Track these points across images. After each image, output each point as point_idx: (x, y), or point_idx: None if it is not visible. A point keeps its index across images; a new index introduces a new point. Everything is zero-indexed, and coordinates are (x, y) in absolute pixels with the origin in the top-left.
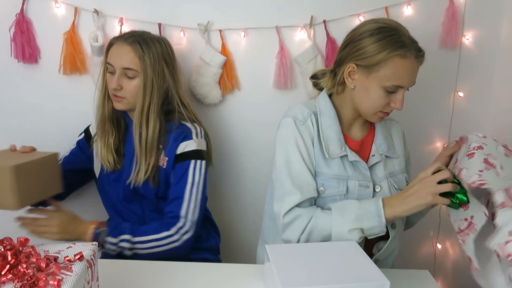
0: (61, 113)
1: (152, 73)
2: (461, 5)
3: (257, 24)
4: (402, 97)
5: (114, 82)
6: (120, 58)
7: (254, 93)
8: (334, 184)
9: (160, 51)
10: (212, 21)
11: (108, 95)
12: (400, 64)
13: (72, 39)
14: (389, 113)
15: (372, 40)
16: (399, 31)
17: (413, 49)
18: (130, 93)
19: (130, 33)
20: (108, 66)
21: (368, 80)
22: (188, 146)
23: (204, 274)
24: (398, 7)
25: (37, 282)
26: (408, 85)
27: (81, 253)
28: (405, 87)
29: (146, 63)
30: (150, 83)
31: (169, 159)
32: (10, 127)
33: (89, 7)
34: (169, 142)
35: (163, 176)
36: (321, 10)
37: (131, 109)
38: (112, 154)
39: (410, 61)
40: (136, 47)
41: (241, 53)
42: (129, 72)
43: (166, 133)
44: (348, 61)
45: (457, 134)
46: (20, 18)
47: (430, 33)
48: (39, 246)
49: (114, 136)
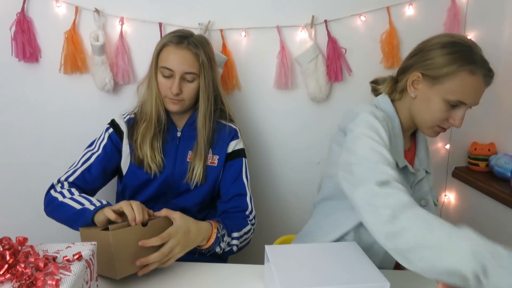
0: (62, 112)
1: (209, 74)
2: (463, 5)
3: (258, 24)
4: (463, 115)
5: (175, 87)
6: (181, 63)
7: (254, 93)
8: None
9: (209, 51)
10: (213, 20)
11: (159, 98)
12: (468, 80)
13: (73, 38)
14: (446, 130)
15: (444, 52)
16: (472, 48)
17: (484, 68)
18: (188, 95)
19: (180, 36)
20: (164, 71)
21: (431, 91)
22: (237, 144)
23: (211, 274)
24: (400, 7)
25: (35, 282)
26: (471, 104)
27: (80, 253)
28: (468, 104)
29: (204, 65)
30: (208, 85)
31: (220, 157)
32: (11, 126)
33: (90, 7)
34: (217, 141)
35: (213, 174)
36: (322, 10)
37: (184, 110)
38: (160, 156)
39: (478, 79)
40: (195, 50)
41: (242, 53)
42: (188, 76)
43: (215, 132)
44: (414, 69)
45: (458, 135)
46: (21, 17)
47: (432, 34)
48: (38, 246)
49: (160, 139)
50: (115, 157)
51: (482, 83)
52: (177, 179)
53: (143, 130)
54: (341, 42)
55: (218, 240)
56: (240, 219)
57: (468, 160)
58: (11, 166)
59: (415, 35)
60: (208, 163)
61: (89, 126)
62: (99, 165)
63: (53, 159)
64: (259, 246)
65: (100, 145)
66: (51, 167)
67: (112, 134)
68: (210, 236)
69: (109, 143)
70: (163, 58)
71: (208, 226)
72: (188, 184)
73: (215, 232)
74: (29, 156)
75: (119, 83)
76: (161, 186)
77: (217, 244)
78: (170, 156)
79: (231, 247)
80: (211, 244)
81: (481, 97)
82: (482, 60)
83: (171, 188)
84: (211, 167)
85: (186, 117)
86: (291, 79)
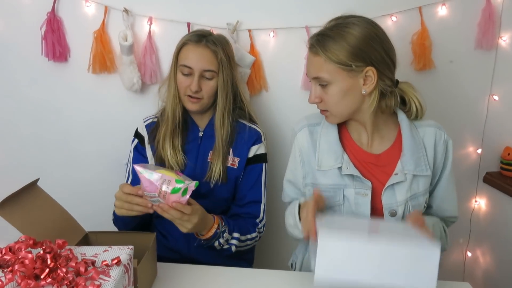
0: (90, 111)
1: (227, 72)
2: (498, 5)
3: (286, 24)
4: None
5: (194, 84)
6: (200, 60)
7: (282, 94)
8: (330, 194)
9: (227, 49)
10: (241, 20)
11: (178, 96)
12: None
13: (102, 38)
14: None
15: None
16: None
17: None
18: (207, 93)
19: (199, 34)
20: (184, 68)
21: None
22: (259, 149)
23: (241, 280)
24: (432, 7)
25: (76, 287)
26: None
27: (119, 258)
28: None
29: (223, 63)
30: (226, 83)
31: (241, 160)
32: (40, 125)
33: (119, 6)
34: (238, 142)
35: (233, 176)
36: (352, 10)
37: (203, 110)
38: (181, 154)
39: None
40: (213, 48)
41: (270, 53)
42: (207, 73)
43: (235, 133)
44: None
45: (491, 139)
46: (51, 16)
47: (465, 34)
48: (76, 249)
49: (180, 137)
50: None
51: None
52: (199, 179)
53: (164, 130)
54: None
55: (216, 234)
56: (249, 224)
57: (501, 165)
58: (38, 164)
59: (448, 36)
60: (229, 164)
61: (117, 126)
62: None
63: (82, 157)
64: (284, 249)
65: (131, 159)
66: (78, 166)
67: (137, 145)
68: (210, 229)
69: (136, 155)
70: (183, 57)
71: (211, 219)
72: (208, 185)
73: (215, 227)
74: (56, 155)
75: (147, 83)
76: None
77: (215, 238)
78: (191, 155)
79: (230, 246)
80: (209, 237)
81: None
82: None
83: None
84: (232, 169)
85: (207, 117)
86: None
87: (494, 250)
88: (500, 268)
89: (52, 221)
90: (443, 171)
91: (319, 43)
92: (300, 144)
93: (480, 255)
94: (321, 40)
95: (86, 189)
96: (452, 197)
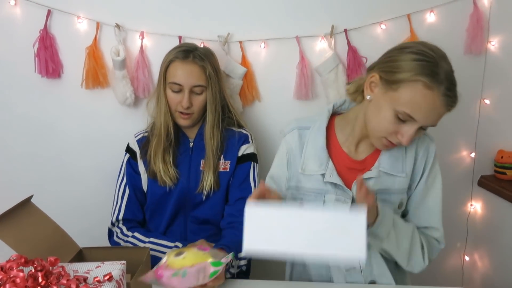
0: (84, 126)
1: (216, 85)
2: (486, 10)
3: (277, 34)
4: (413, 133)
5: (185, 101)
6: (189, 77)
7: (275, 104)
8: (311, 198)
9: (214, 63)
10: (232, 32)
11: (168, 113)
12: (421, 93)
13: (94, 54)
14: (395, 145)
15: (409, 57)
16: (438, 62)
17: (444, 87)
18: (198, 108)
19: (185, 50)
20: (173, 86)
21: (384, 97)
22: (248, 148)
23: None
24: (421, 14)
25: None
26: (423, 122)
27: (111, 274)
28: (418, 121)
29: (211, 77)
30: (215, 95)
31: (232, 162)
32: (34, 141)
33: (111, 22)
34: (228, 148)
35: (226, 179)
36: (342, 19)
37: (194, 124)
38: (173, 169)
39: (434, 95)
40: (201, 63)
41: (262, 64)
42: (197, 89)
43: (225, 140)
44: (375, 70)
45: (484, 143)
46: (44, 34)
47: (455, 40)
48: (68, 266)
49: (171, 152)
50: (139, 180)
51: (439, 101)
52: (193, 189)
53: (155, 145)
54: (361, 51)
55: (227, 268)
56: (238, 228)
57: (495, 168)
58: (33, 181)
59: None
60: (221, 169)
61: (111, 140)
62: (134, 192)
63: (76, 172)
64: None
65: (124, 174)
66: (73, 181)
67: (129, 159)
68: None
69: (129, 169)
70: (171, 74)
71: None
72: (201, 195)
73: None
74: (51, 171)
75: (140, 97)
76: (178, 198)
77: (226, 272)
78: (184, 167)
79: (240, 268)
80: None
81: (438, 119)
82: (446, 78)
83: (188, 199)
84: (224, 173)
85: (196, 128)
86: (311, 89)
87: (491, 254)
88: (499, 272)
89: (46, 238)
90: (422, 175)
91: (456, 99)
92: (289, 145)
93: (478, 259)
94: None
95: (80, 203)
96: (430, 205)
